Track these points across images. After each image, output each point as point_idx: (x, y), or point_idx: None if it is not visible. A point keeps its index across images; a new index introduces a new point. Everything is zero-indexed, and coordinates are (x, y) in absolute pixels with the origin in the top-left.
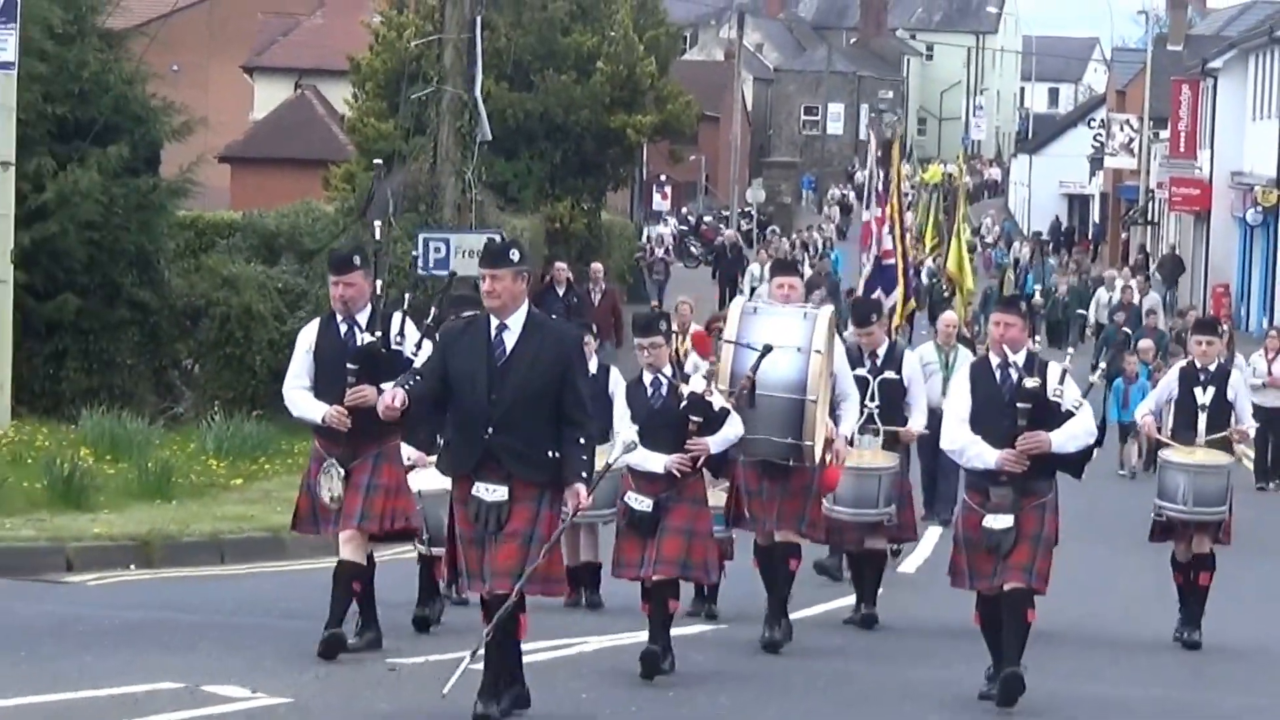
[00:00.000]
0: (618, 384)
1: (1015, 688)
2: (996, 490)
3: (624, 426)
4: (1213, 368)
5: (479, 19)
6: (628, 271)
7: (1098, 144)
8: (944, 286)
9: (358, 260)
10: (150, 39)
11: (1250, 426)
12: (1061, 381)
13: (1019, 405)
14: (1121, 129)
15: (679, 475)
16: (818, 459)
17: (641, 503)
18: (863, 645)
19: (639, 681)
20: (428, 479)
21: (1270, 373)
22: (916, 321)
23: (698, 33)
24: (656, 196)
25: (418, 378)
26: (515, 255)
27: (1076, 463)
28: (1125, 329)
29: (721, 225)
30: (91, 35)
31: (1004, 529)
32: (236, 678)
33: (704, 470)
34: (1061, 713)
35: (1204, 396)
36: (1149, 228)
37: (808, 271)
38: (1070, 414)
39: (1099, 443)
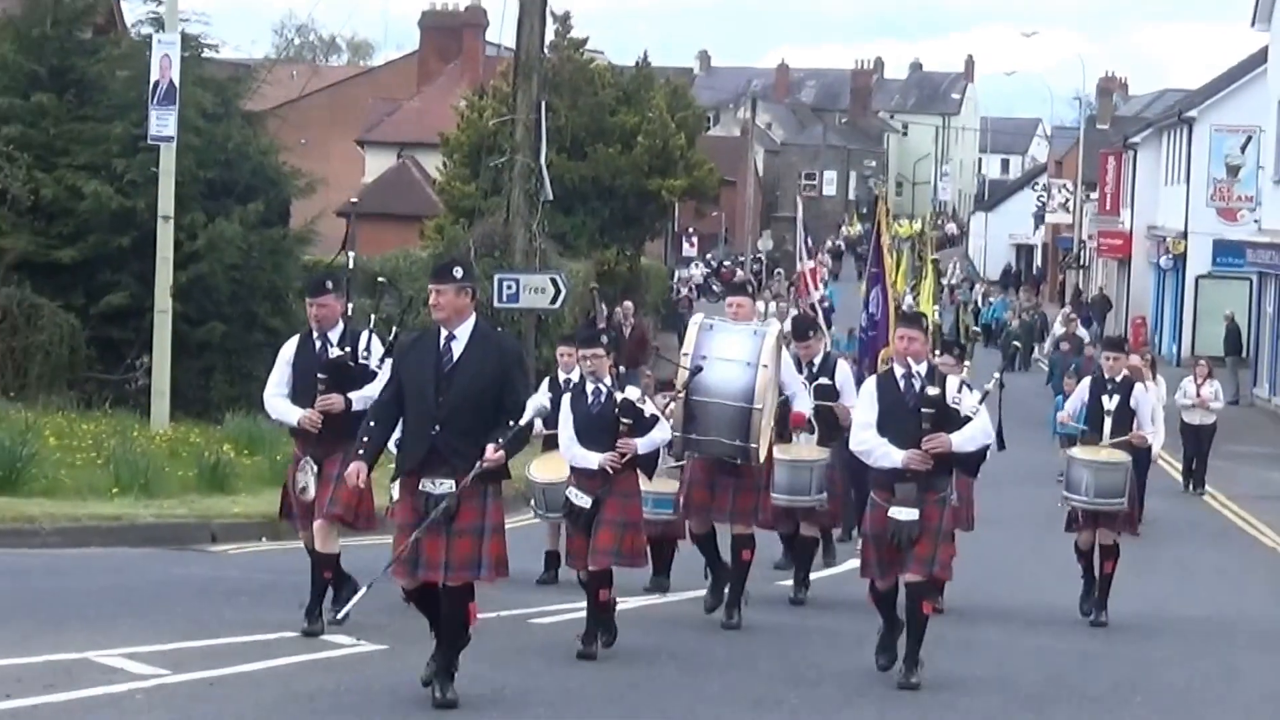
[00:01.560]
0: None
1: (912, 669)
2: (901, 487)
3: (564, 429)
4: (1119, 379)
5: (543, 103)
6: (662, 305)
7: (1040, 203)
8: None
9: (329, 285)
10: (282, 119)
11: (1149, 433)
12: (959, 390)
13: (923, 410)
14: (1059, 191)
15: (611, 471)
16: (763, 459)
17: (581, 498)
18: (812, 625)
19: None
20: (543, 470)
21: (1199, 394)
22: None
23: (719, 114)
24: (686, 245)
25: (380, 410)
26: (459, 272)
27: (973, 462)
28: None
29: (738, 268)
30: (235, 115)
31: (909, 520)
32: (345, 629)
33: (638, 468)
34: (1018, 691)
35: (1110, 404)
36: (1081, 271)
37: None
38: (968, 419)
39: (1001, 445)
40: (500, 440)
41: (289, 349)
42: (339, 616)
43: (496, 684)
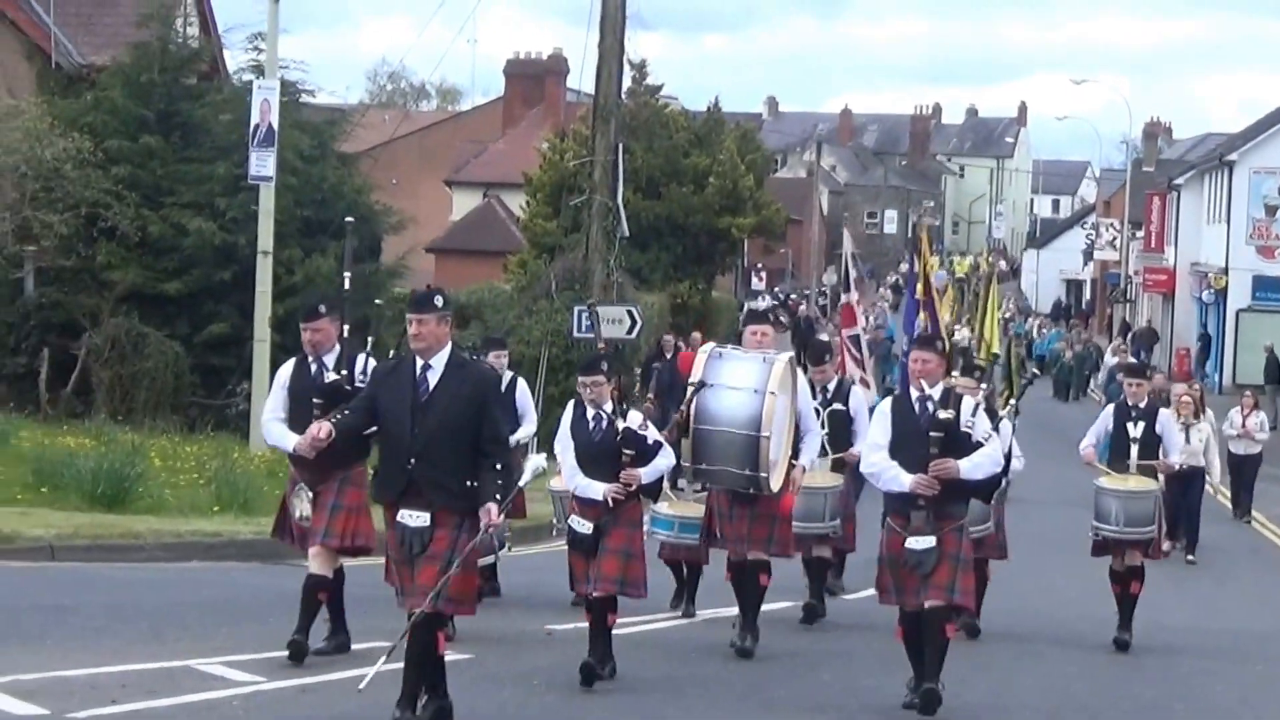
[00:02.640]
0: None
1: (932, 701)
2: (915, 514)
3: (562, 452)
4: (1143, 405)
5: (620, 145)
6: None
7: (1089, 241)
8: (974, 351)
9: (323, 309)
10: (374, 160)
11: (1176, 460)
12: (974, 414)
13: (931, 434)
14: (1107, 230)
15: (612, 504)
16: (775, 488)
17: (583, 526)
18: (820, 649)
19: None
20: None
21: (1244, 425)
22: None
23: (786, 156)
24: (754, 279)
25: (346, 412)
26: (439, 301)
27: (987, 489)
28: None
29: (803, 301)
30: (331, 156)
31: (926, 549)
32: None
33: (640, 495)
34: (1069, 699)
35: (1135, 430)
36: (1128, 305)
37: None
38: (980, 444)
39: (1005, 472)
40: (498, 497)
41: (285, 373)
42: (360, 688)
43: (502, 703)
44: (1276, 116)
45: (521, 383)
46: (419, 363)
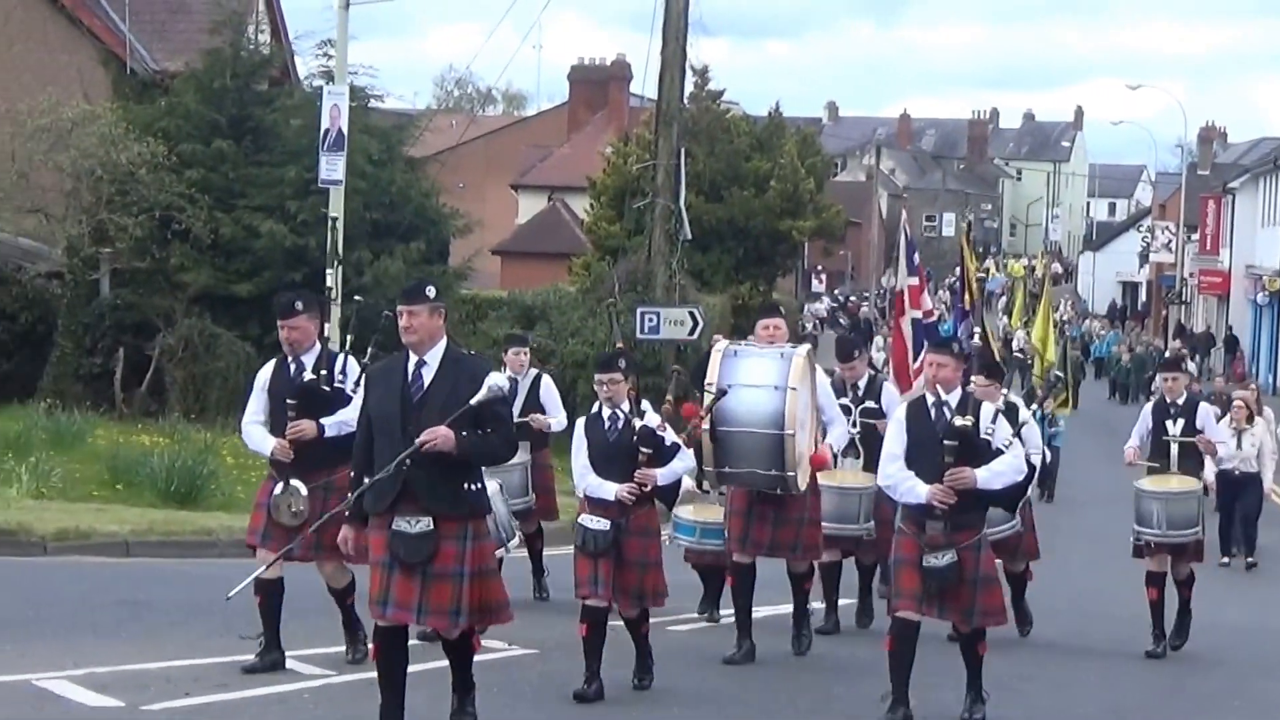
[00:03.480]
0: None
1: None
2: (931, 524)
3: (575, 451)
4: (1181, 401)
5: (683, 149)
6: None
7: (1145, 244)
8: (1029, 355)
9: (300, 305)
10: (441, 164)
11: (1219, 442)
12: (994, 420)
13: (946, 442)
14: (1162, 233)
15: (628, 504)
16: (803, 486)
17: (598, 522)
18: (854, 656)
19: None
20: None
21: None
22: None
23: (846, 160)
24: (814, 281)
25: (357, 477)
26: (432, 292)
27: (1009, 498)
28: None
29: (863, 303)
30: (399, 161)
31: (946, 565)
32: (500, 633)
33: (656, 501)
34: (1126, 695)
35: (1174, 428)
36: (1183, 307)
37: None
38: (1000, 452)
39: (1030, 479)
40: (464, 434)
41: (264, 374)
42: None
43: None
44: None
45: (546, 378)
46: (412, 359)
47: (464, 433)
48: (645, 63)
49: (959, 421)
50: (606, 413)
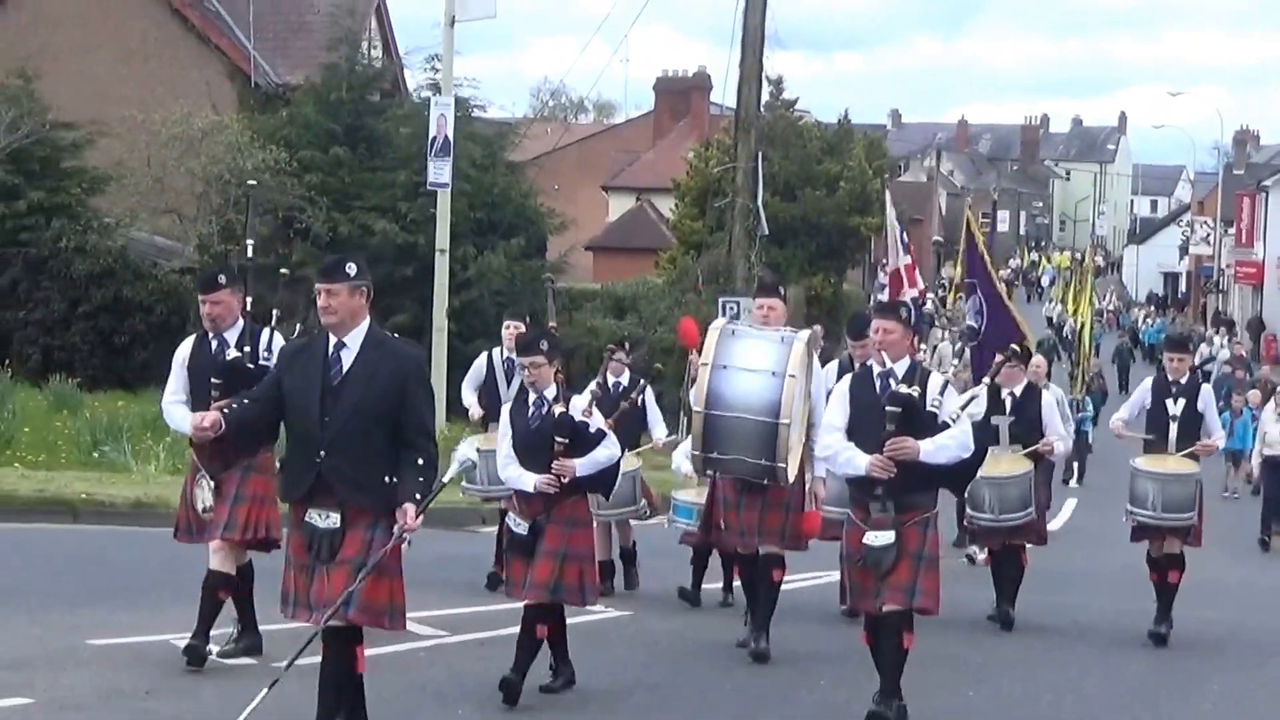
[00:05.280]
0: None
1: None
2: (875, 504)
3: (499, 439)
4: (1183, 380)
5: (760, 153)
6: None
7: (1185, 238)
8: (1072, 339)
9: (223, 279)
10: (539, 168)
11: (1219, 439)
12: (942, 392)
13: (887, 409)
14: (1201, 227)
15: (549, 494)
16: (791, 479)
17: (519, 525)
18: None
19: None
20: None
21: None
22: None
23: (908, 162)
24: (880, 273)
25: (244, 401)
26: (352, 269)
27: (956, 476)
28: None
29: (926, 295)
30: (500, 165)
31: (884, 545)
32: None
33: (585, 492)
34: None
35: (1175, 408)
36: (1220, 295)
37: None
38: (946, 425)
39: (978, 458)
40: (419, 499)
41: (184, 350)
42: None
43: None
44: None
45: (649, 390)
46: (332, 340)
47: (418, 495)
48: (725, 74)
49: (902, 389)
50: (531, 398)
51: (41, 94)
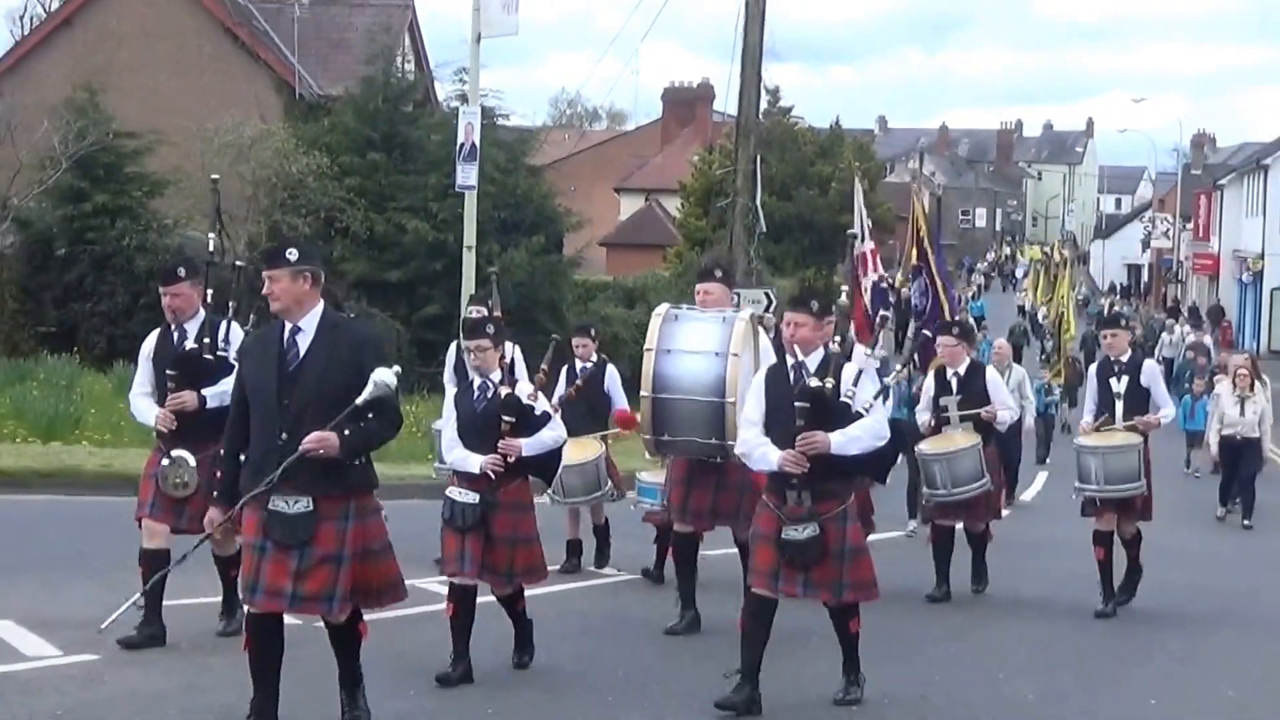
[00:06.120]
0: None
1: (852, 696)
2: (791, 494)
3: (443, 423)
4: (1125, 358)
5: (758, 157)
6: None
7: (1147, 233)
8: (1048, 330)
9: (183, 272)
10: (557, 171)
11: (1164, 414)
12: (855, 383)
13: (796, 404)
14: (1161, 223)
15: (493, 476)
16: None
17: (466, 495)
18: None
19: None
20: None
21: None
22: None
23: (894, 164)
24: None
25: (228, 455)
26: (293, 255)
27: (874, 465)
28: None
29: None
30: (521, 169)
31: (807, 538)
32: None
33: (529, 476)
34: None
35: (1119, 385)
36: (1179, 285)
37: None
38: (860, 416)
39: (897, 445)
40: (346, 434)
41: (149, 343)
42: (103, 627)
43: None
44: None
45: (611, 367)
46: (287, 327)
47: (346, 431)
48: (727, 85)
49: (812, 383)
50: (476, 382)
51: (106, 106)
